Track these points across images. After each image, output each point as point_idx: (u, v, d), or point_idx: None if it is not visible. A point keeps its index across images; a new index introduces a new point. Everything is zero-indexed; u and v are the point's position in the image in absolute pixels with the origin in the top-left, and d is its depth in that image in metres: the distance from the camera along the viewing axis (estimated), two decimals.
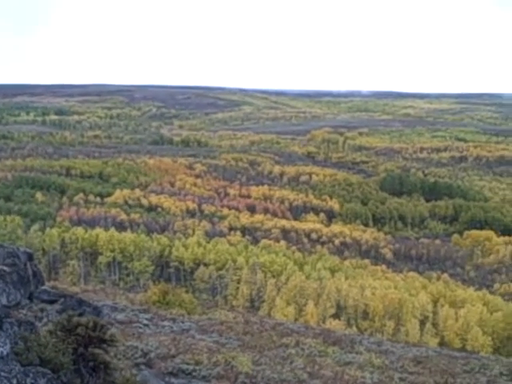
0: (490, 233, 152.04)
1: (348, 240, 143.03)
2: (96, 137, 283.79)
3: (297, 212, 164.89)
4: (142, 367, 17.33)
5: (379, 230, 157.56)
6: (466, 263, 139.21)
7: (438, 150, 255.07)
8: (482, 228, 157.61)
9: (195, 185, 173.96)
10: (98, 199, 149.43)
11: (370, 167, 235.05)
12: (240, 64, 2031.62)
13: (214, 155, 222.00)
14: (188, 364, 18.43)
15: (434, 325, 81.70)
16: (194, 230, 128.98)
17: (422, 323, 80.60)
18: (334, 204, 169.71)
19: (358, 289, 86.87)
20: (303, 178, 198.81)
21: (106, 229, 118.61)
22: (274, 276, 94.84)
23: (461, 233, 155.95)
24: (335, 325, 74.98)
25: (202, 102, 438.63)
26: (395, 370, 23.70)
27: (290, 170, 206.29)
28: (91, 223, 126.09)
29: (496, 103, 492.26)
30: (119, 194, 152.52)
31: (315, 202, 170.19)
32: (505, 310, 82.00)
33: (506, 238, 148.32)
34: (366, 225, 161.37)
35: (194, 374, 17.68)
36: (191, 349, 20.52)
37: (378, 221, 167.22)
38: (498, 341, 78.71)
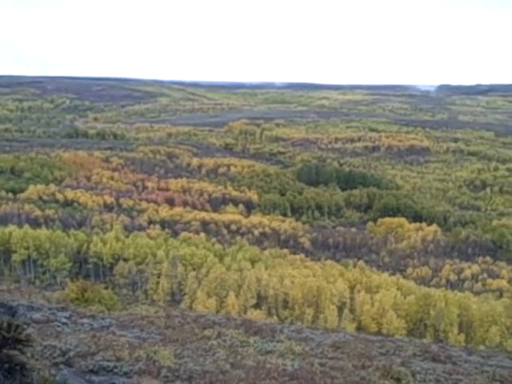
0: (402, 220, 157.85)
1: (267, 230, 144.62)
2: (6, 130, 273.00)
3: (216, 204, 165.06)
4: (62, 366, 16.98)
5: (297, 219, 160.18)
6: (380, 250, 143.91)
7: (353, 140, 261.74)
8: (394, 215, 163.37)
9: (112, 178, 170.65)
10: (11, 195, 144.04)
11: (287, 158, 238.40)
12: (155, 55, 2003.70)
13: (130, 148, 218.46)
14: (109, 361, 18.23)
15: (352, 310, 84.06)
16: (112, 225, 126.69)
17: (340, 309, 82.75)
18: (253, 195, 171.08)
19: (277, 278, 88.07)
20: (221, 170, 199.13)
21: (20, 226, 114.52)
22: (194, 269, 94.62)
23: (375, 220, 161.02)
24: (256, 315, 75.79)
25: (117, 94, 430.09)
26: (315, 356, 24.35)
27: (209, 161, 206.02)
28: (3, 220, 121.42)
29: (406, 94, 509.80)
30: (33, 190, 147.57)
31: (234, 193, 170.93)
32: (417, 294, 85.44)
33: (417, 225, 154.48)
34: (285, 215, 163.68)
35: (115, 370, 17.50)
36: (112, 345, 20.29)
37: (295, 211, 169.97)
38: (412, 323, 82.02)
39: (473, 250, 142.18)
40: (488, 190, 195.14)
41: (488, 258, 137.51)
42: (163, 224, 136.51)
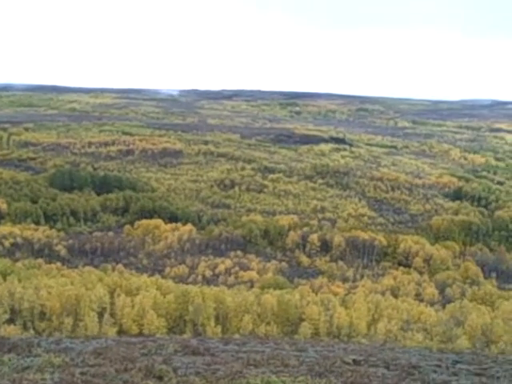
0: (158, 221, 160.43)
1: (19, 240, 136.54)
2: None
3: None
4: None
5: (52, 227, 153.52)
6: (138, 252, 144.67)
7: (106, 144, 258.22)
8: (151, 217, 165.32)
9: None
10: None
11: (38, 164, 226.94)
12: None
13: None
14: None
15: (112, 315, 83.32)
16: None
17: (101, 315, 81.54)
18: (2, 204, 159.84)
19: (33, 290, 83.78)
20: None
21: None
22: None
23: (132, 223, 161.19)
24: (10, 330, 71.29)
25: None
26: (76, 366, 23.88)
27: None
28: None
29: (156, 98, 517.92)
30: None
31: None
32: (176, 292, 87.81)
33: (173, 225, 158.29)
34: (38, 223, 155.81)
35: None
36: None
37: (49, 218, 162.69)
38: (172, 321, 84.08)
39: (225, 246, 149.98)
40: (236, 188, 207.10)
41: (239, 252, 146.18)
42: None
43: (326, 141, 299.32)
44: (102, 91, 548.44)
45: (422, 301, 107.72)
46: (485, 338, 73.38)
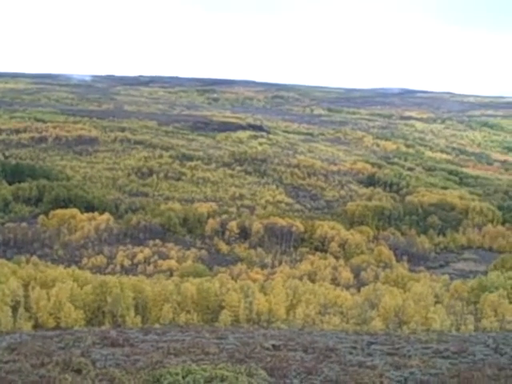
0: (74, 210, 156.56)
1: None
2: None
3: None
4: None
5: None
6: (54, 243, 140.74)
7: (18, 131, 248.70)
8: (66, 207, 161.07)
9: None
10: None
11: None
12: None
13: None
14: None
15: (27, 308, 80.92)
16: None
17: (15, 309, 79.00)
18: None
19: None
20: None
21: None
22: None
23: (46, 213, 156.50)
24: None
25: None
26: None
27: None
28: None
29: (70, 84, 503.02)
30: None
31: None
32: (93, 283, 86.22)
33: (90, 214, 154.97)
34: None
35: None
36: None
37: None
38: (90, 312, 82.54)
39: (144, 235, 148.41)
40: (154, 176, 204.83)
41: (158, 241, 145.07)
42: None
43: (243, 128, 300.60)
44: (13, 76, 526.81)
45: (338, 285, 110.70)
46: (397, 319, 76.40)
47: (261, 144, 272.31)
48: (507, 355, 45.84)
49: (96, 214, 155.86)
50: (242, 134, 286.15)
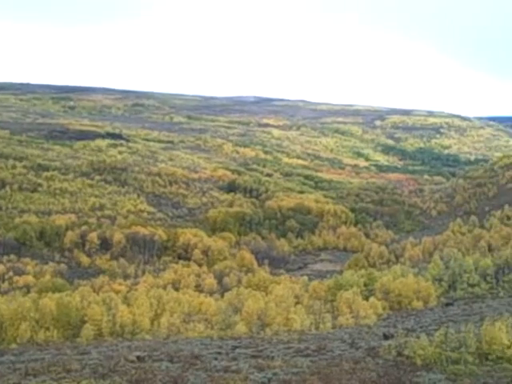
0: None
1: None
2: None
3: None
4: None
5: None
6: None
7: None
8: None
9: None
10: None
11: None
12: None
13: None
14: None
15: None
16: None
17: None
18: None
19: None
20: None
21: None
22: None
23: None
24: None
25: None
26: None
27: None
28: None
29: None
30: None
31: None
32: None
33: None
34: None
35: None
36: None
37: None
38: None
39: None
40: (7, 188, 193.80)
41: (13, 256, 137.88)
42: None
43: (102, 136, 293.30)
44: None
45: (202, 291, 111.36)
46: (260, 322, 78.27)
47: (120, 153, 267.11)
48: (362, 349, 48.80)
49: None
50: (101, 143, 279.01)
